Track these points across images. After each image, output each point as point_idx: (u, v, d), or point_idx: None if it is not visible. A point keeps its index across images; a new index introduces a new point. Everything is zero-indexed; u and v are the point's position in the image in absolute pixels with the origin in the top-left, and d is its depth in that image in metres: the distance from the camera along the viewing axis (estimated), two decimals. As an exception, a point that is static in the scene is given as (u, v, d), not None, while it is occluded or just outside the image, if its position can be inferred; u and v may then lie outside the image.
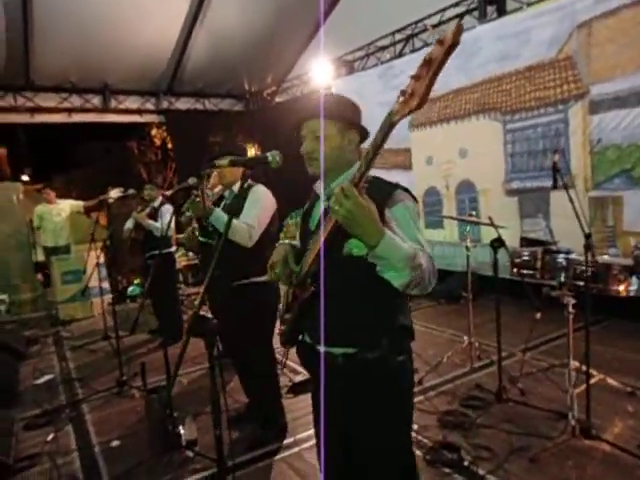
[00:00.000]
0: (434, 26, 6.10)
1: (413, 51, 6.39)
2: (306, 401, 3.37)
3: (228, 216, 1.45)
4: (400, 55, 6.60)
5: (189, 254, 7.78)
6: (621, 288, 2.57)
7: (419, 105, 0.99)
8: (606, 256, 2.99)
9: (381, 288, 1.25)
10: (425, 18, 6.14)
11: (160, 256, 3.59)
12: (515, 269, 2.95)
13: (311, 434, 2.86)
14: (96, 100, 7.89)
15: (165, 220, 4.39)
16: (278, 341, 1.60)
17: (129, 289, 7.34)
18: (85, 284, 4.37)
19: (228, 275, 2.49)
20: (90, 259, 4.57)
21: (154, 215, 4.69)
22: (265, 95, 9.26)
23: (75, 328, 6.00)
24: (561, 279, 2.76)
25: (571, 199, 2.46)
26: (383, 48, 6.94)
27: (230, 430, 2.77)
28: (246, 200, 2.65)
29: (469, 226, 3.90)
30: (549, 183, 4.95)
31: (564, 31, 4.53)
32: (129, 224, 4.93)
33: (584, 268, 2.58)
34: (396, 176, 5.69)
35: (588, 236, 2.34)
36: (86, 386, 3.98)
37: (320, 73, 7.50)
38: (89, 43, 6.59)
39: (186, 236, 3.06)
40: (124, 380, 3.84)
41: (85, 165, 14.22)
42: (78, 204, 7.42)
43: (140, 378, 3.57)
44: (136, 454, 2.79)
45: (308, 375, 3.48)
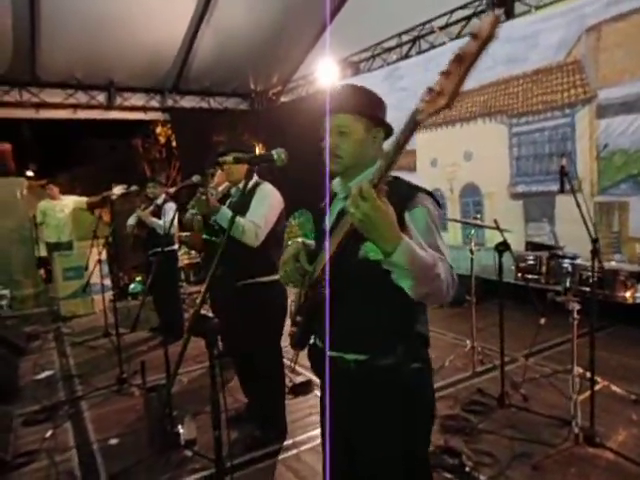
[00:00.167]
0: (441, 28, 6.07)
1: (419, 53, 6.36)
2: (305, 403, 3.35)
3: (232, 214, 1.42)
4: (406, 57, 6.57)
5: (191, 252, 7.77)
6: (628, 294, 2.54)
7: (447, 104, 0.91)
8: (613, 262, 2.96)
9: (398, 295, 1.17)
10: (432, 20, 6.11)
11: (162, 254, 3.58)
12: (520, 273, 2.92)
13: (310, 436, 2.86)
14: (101, 97, 7.88)
15: (168, 218, 4.37)
16: (288, 343, 1.55)
17: (130, 286, 7.33)
18: (87, 280, 4.36)
19: (233, 274, 2.47)
20: (92, 255, 4.56)
21: (157, 213, 4.68)
22: (270, 95, 9.25)
23: (76, 324, 6.00)
24: (566, 284, 2.73)
25: (578, 204, 2.43)
26: (389, 49, 6.91)
27: (229, 430, 2.75)
28: (253, 198, 2.61)
29: (473, 229, 3.87)
30: (555, 187, 5.00)
31: (572, 35, 4.50)
32: (131, 221, 4.92)
33: (590, 274, 2.55)
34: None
35: (595, 241, 2.31)
36: (86, 383, 3.97)
37: (326, 73, 7.49)
38: (95, 40, 6.59)
39: (191, 236, 3.03)
40: (124, 378, 3.82)
41: (89, 162, 14.27)
42: (81, 200, 7.46)
43: (140, 376, 3.55)
44: (135, 452, 2.77)
45: (308, 376, 3.50)
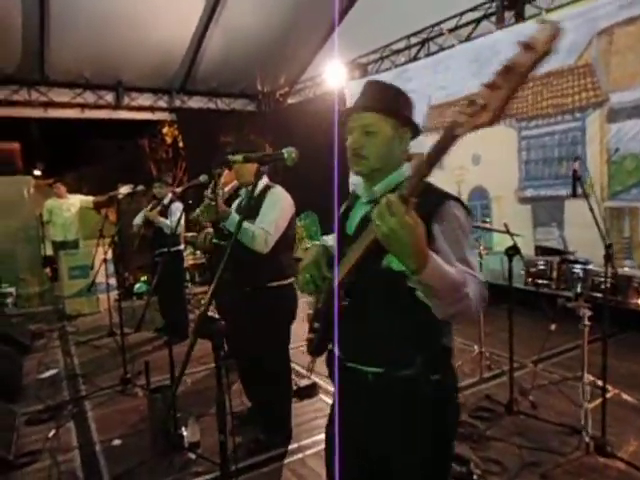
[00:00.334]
0: (450, 30, 6.04)
1: (428, 55, 6.33)
2: (311, 406, 3.32)
3: (240, 219, 1.38)
4: (415, 59, 6.54)
5: (197, 253, 7.76)
6: (641, 301, 2.49)
7: (492, 121, 0.82)
8: (626, 268, 2.90)
9: (422, 307, 1.10)
10: (441, 22, 6.09)
11: (168, 254, 3.54)
12: (530, 278, 2.87)
13: (315, 440, 2.82)
14: (109, 97, 7.90)
15: (174, 218, 4.36)
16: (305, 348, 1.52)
17: (136, 286, 7.32)
18: (92, 279, 4.35)
19: (241, 279, 2.43)
20: (98, 255, 4.56)
21: (164, 213, 4.67)
22: (277, 96, 9.24)
23: (81, 323, 6.00)
24: (577, 290, 2.68)
25: (591, 208, 2.39)
26: (398, 51, 6.89)
27: (234, 434, 2.72)
28: (263, 202, 2.53)
29: (480, 233, 3.83)
30: (564, 191, 4.96)
31: (584, 38, 4.45)
32: (138, 220, 4.91)
33: (602, 279, 2.51)
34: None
35: (609, 246, 2.26)
36: (89, 382, 3.96)
37: (333, 75, 7.47)
38: (104, 40, 6.62)
39: (201, 240, 2.95)
40: (128, 378, 3.81)
41: (96, 161, 14.31)
42: (88, 199, 7.47)
43: (144, 376, 3.53)
44: (137, 454, 2.75)
45: (313, 380, 3.47)
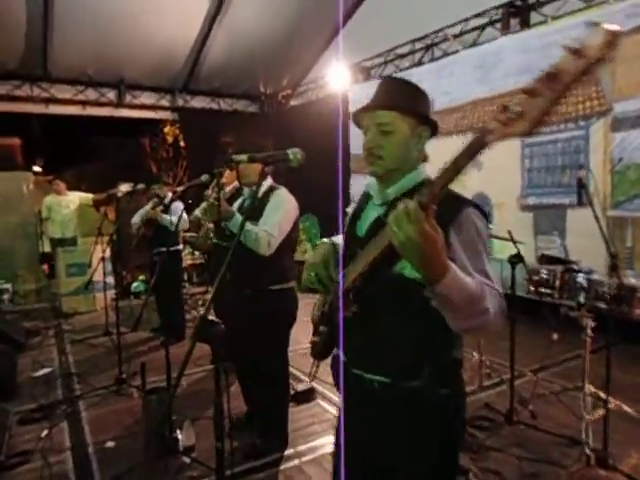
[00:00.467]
0: (455, 36, 6.03)
1: (432, 60, 6.32)
2: (308, 411, 3.28)
3: (243, 219, 1.35)
4: (419, 64, 6.53)
5: (195, 253, 7.71)
6: (645, 313, 2.46)
7: (529, 131, 0.73)
8: (632, 279, 2.87)
9: (434, 317, 1.05)
10: (446, 27, 6.07)
11: (167, 253, 3.50)
12: (532, 287, 2.84)
13: (312, 446, 2.79)
14: (111, 94, 7.87)
15: (175, 217, 4.32)
16: (310, 352, 1.47)
17: (133, 285, 7.27)
18: (89, 277, 4.31)
19: (242, 281, 2.38)
20: (96, 253, 4.52)
21: (165, 212, 4.64)
22: (280, 98, 9.22)
23: (77, 321, 5.95)
24: (580, 300, 2.65)
25: (597, 217, 2.36)
26: (402, 56, 6.88)
27: (231, 438, 2.68)
28: (267, 204, 2.48)
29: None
30: (567, 200, 4.93)
31: (589, 46, 4.44)
32: (136, 219, 4.86)
33: (606, 289, 2.48)
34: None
35: (614, 256, 2.24)
36: (84, 382, 3.91)
37: (336, 78, 7.45)
38: (108, 37, 6.59)
39: (202, 238, 2.89)
40: (123, 378, 3.76)
41: (97, 159, 14.27)
42: (87, 197, 7.44)
43: (139, 377, 3.48)
44: (131, 457, 2.70)
45: (311, 384, 3.43)
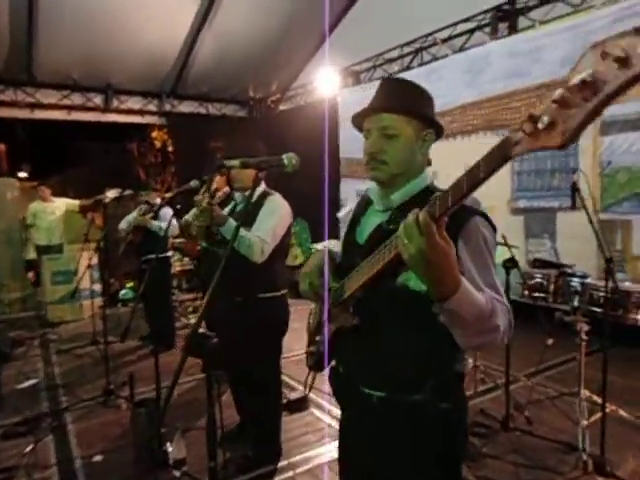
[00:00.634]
0: (444, 40, 6.05)
1: (421, 64, 6.33)
2: (301, 420, 3.22)
3: (237, 225, 1.30)
4: (408, 68, 6.54)
5: (184, 259, 7.61)
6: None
7: (562, 145, 0.64)
8: (627, 282, 2.87)
9: (437, 330, 1.01)
10: (435, 32, 6.09)
11: (156, 260, 3.44)
12: (526, 291, 2.83)
13: (306, 457, 2.73)
14: (98, 99, 7.77)
15: (164, 223, 4.25)
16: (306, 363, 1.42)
17: (121, 292, 7.15)
18: (76, 285, 4.21)
19: (233, 288, 2.32)
20: (82, 260, 4.42)
21: (154, 218, 4.56)
22: (269, 102, 9.19)
23: (63, 330, 5.82)
24: (574, 304, 2.64)
25: (591, 220, 2.35)
26: (391, 60, 6.89)
27: (223, 450, 2.61)
28: (261, 210, 2.43)
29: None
30: (556, 203, 4.96)
31: (577, 50, 4.47)
32: (123, 225, 4.77)
33: (600, 293, 2.47)
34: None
35: (609, 260, 2.22)
36: (70, 393, 3.80)
37: (325, 83, 7.44)
38: (94, 41, 6.50)
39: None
40: (111, 389, 3.65)
41: (83, 164, 14.10)
42: (74, 203, 7.30)
43: (128, 388, 3.40)
44: (119, 471, 2.62)
45: (304, 392, 3.37)
